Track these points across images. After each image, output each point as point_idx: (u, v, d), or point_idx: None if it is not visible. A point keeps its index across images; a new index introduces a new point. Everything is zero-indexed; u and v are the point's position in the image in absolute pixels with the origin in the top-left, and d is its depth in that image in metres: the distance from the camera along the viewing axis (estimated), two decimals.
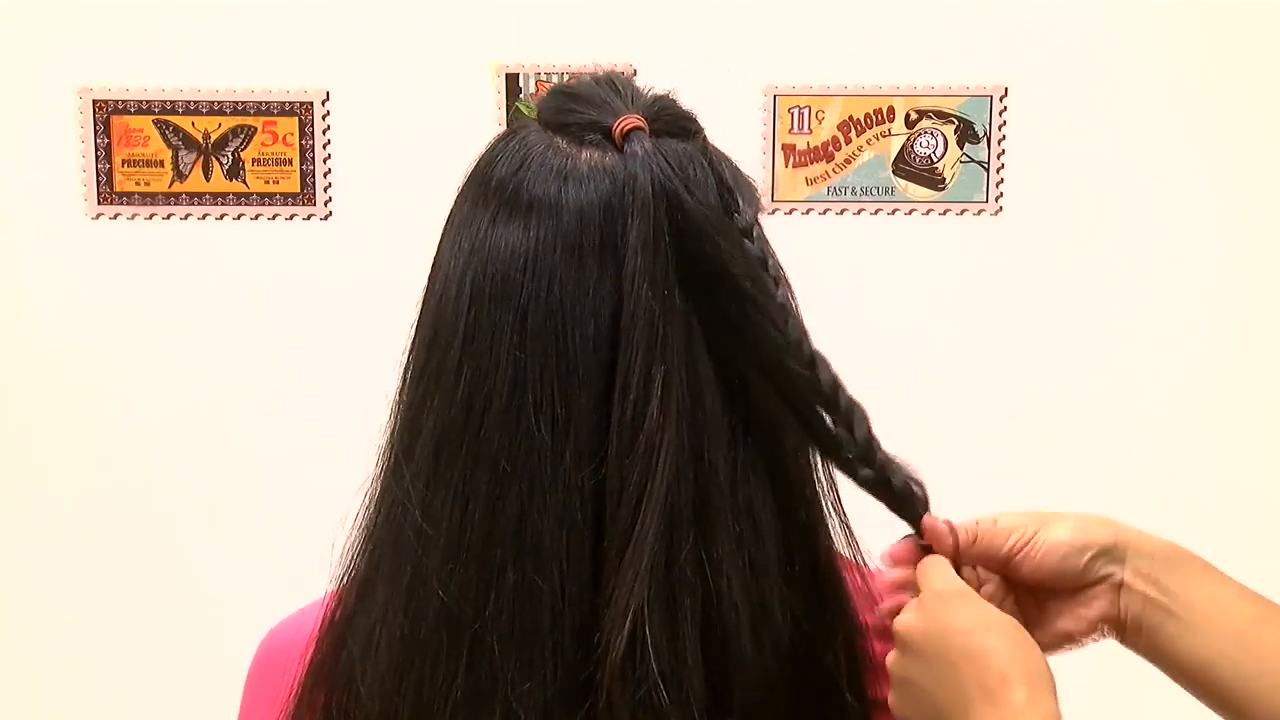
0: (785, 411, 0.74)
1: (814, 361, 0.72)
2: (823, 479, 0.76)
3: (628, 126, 0.72)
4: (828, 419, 0.73)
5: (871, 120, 1.93)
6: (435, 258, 0.75)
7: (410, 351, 0.76)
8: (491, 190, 0.73)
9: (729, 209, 0.73)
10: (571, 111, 0.74)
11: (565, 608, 0.69)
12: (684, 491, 0.69)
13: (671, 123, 0.74)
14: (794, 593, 0.73)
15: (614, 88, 0.75)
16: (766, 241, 0.74)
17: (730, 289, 0.71)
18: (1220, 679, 0.74)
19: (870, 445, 0.73)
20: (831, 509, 0.76)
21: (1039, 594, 0.78)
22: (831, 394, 0.72)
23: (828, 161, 1.93)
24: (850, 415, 0.72)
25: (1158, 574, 0.75)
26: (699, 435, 0.70)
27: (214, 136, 1.90)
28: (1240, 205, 1.96)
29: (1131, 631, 0.76)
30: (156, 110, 1.89)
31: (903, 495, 0.75)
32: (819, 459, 0.76)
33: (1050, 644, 0.77)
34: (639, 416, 0.68)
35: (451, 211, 0.76)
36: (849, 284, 1.94)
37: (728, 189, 0.73)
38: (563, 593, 0.69)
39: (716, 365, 0.71)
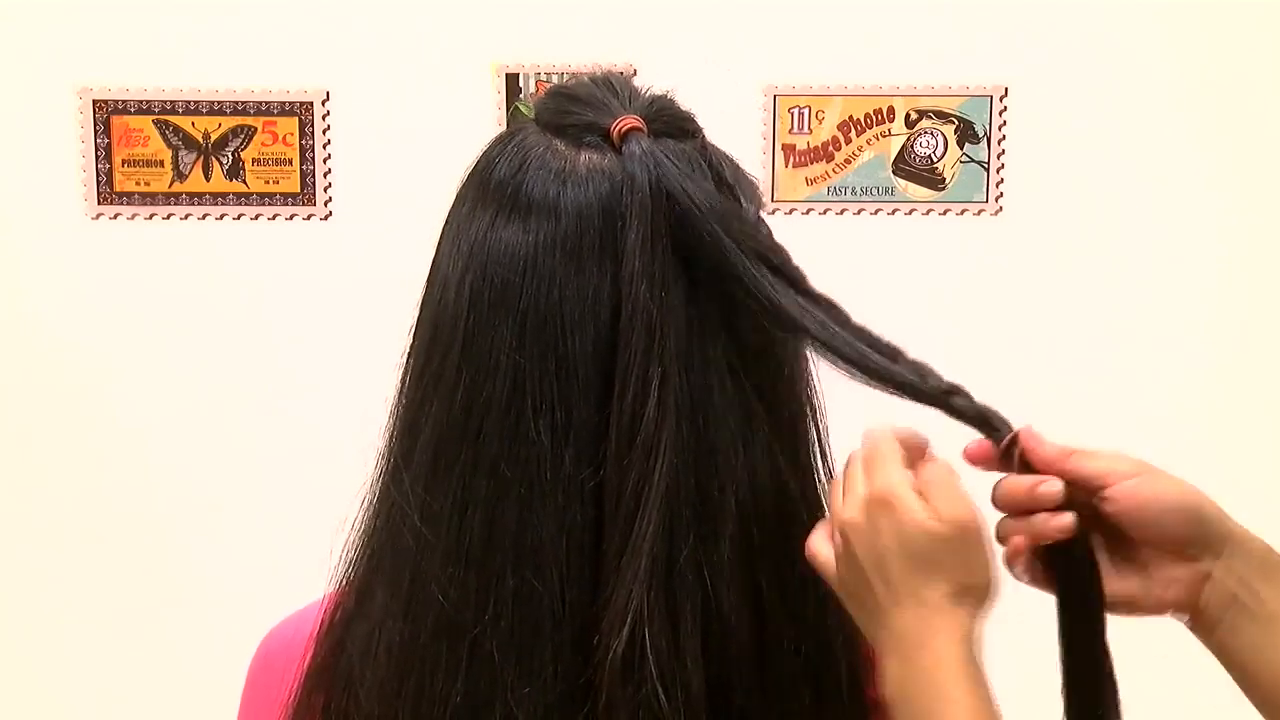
0: (792, 406, 0.74)
1: (897, 352, 0.72)
2: (824, 479, 0.76)
3: (625, 127, 0.71)
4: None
5: (871, 120, 1.93)
6: (434, 259, 0.75)
7: (409, 354, 0.75)
8: (490, 192, 0.73)
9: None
10: (569, 113, 0.74)
11: (565, 611, 0.69)
12: (683, 493, 0.69)
13: (670, 123, 0.74)
14: (795, 594, 0.73)
15: (612, 88, 0.75)
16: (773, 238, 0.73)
17: (726, 288, 0.70)
18: None
19: (946, 386, 0.72)
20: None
21: (1119, 542, 0.73)
22: (893, 356, 0.72)
23: (828, 161, 1.93)
24: (920, 366, 0.72)
25: (1251, 576, 0.71)
26: (698, 436, 0.70)
27: (214, 136, 1.90)
28: (1240, 205, 1.96)
29: (1206, 625, 0.72)
30: (156, 110, 1.89)
31: (985, 418, 0.72)
32: (820, 458, 0.76)
33: (1113, 603, 0.72)
34: (637, 419, 0.68)
35: (450, 213, 0.76)
36: (849, 284, 1.93)
37: (728, 187, 0.73)
38: (562, 596, 0.69)
39: (718, 364, 0.71)
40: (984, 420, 0.72)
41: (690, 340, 0.70)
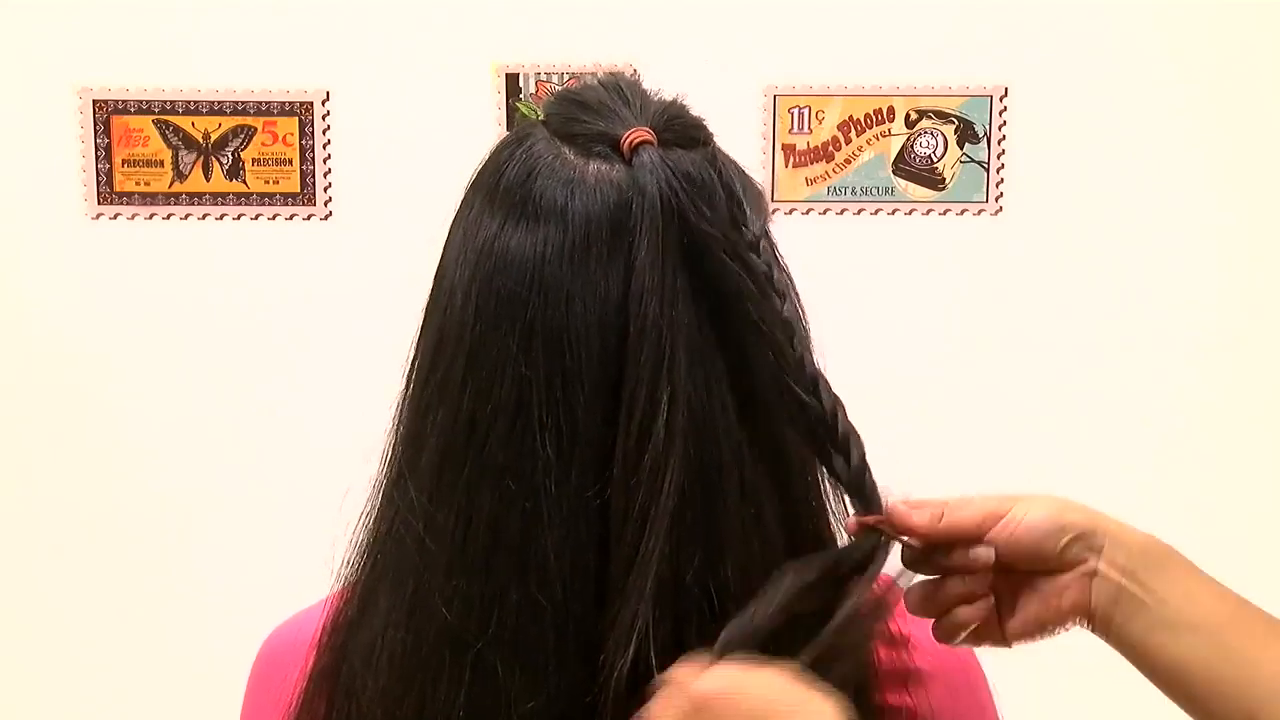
0: (790, 427, 0.73)
1: (815, 384, 0.71)
2: (828, 493, 0.75)
3: (636, 140, 0.70)
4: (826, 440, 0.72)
5: (871, 120, 1.93)
6: (440, 263, 0.74)
7: (414, 358, 0.74)
8: (498, 200, 0.72)
9: (737, 221, 0.71)
10: (579, 121, 0.73)
11: (569, 627, 0.68)
12: (690, 512, 0.68)
13: (681, 133, 0.73)
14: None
15: (622, 95, 0.73)
16: (775, 254, 0.72)
17: (735, 307, 0.70)
18: (1191, 677, 0.73)
19: (862, 473, 0.72)
20: (839, 523, 0.75)
21: (1011, 579, 0.76)
22: (831, 419, 0.71)
23: (828, 161, 1.93)
24: (846, 441, 0.71)
25: (1134, 566, 0.74)
26: (705, 455, 0.69)
27: (214, 136, 1.89)
28: (1240, 205, 1.96)
29: (1102, 622, 0.75)
30: (156, 110, 1.89)
31: (859, 490, 0.73)
32: (825, 473, 0.75)
33: (1024, 633, 0.76)
34: (645, 436, 0.67)
35: (456, 218, 0.75)
36: (849, 284, 1.94)
37: (736, 201, 0.71)
38: (566, 612, 0.68)
39: (725, 383, 0.70)
40: (859, 491, 0.72)
41: (699, 357, 0.69)
